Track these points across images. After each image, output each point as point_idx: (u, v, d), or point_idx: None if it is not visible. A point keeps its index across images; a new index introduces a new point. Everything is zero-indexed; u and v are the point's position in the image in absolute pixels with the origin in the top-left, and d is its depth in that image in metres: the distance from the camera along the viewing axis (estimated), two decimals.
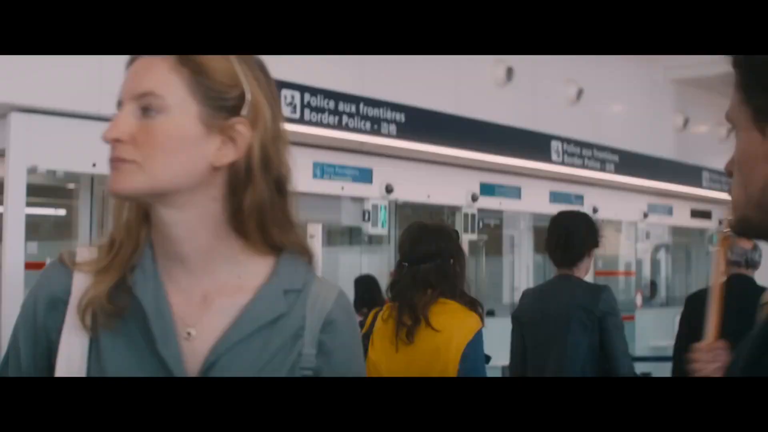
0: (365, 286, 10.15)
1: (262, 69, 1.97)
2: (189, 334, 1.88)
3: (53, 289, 1.96)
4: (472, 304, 4.47)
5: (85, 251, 1.98)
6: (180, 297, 1.92)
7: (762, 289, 5.29)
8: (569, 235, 5.57)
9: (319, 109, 9.54)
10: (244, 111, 1.89)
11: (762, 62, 1.46)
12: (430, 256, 4.50)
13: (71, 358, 1.89)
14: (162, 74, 1.86)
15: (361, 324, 4.78)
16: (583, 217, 5.93)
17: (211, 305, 1.91)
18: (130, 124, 1.84)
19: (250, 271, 1.94)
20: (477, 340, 4.29)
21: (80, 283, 1.92)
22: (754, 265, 7.19)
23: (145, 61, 1.87)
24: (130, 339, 1.87)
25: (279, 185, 1.96)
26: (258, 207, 1.90)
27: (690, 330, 7.07)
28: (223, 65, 1.89)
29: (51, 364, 1.91)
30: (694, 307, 7.16)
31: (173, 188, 1.86)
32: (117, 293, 1.89)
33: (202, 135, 1.87)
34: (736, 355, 1.49)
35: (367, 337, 4.58)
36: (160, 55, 1.87)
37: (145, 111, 1.85)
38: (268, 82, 1.98)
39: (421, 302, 4.43)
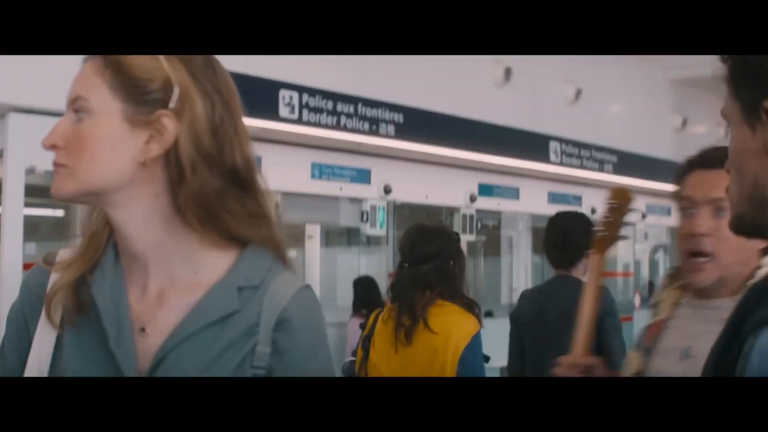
0: (364, 287, 10.15)
1: (207, 64, 1.93)
2: (143, 330, 1.87)
3: (32, 288, 2.01)
4: (470, 306, 4.46)
5: (65, 252, 2.00)
6: (138, 294, 1.92)
7: None
8: (566, 236, 5.55)
9: (317, 110, 9.54)
10: (172, 103, 1.87)
11: (748, 57, 1.47)
12: (430, 257, 4.49)
13: (40, 355, 1.92)
14: (88, 78, 1.88)
15: (362, 325, 4.79)
16: (581, 217, 5.91)
17: (165, 302, 1.90)
18: (64, 129, 1.86)
19: (207, 267, 1.92)
20: (475, 343, 4.28)
21: (54, 282, 1.95)
22: None
23: (83, 66, 1.90)
24: (88, 337, 1.88)
25: (233, 177, 1.93)
26: (197, 199, 1.87)
27: None
28: (146, 61, 1.87)
29: None
30: None
31: (105, 188, 1.87)
32: (80, 291, 1.91)
33: (126, 132, 1.86)
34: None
35: (368, 339, 4.58)
36: (88, 59, 1.89)
37: (77, 115, 1.87)
38: (213, 76, 1.95)
39: (420, 303, 4.42)
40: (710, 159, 2.70)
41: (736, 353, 1.31)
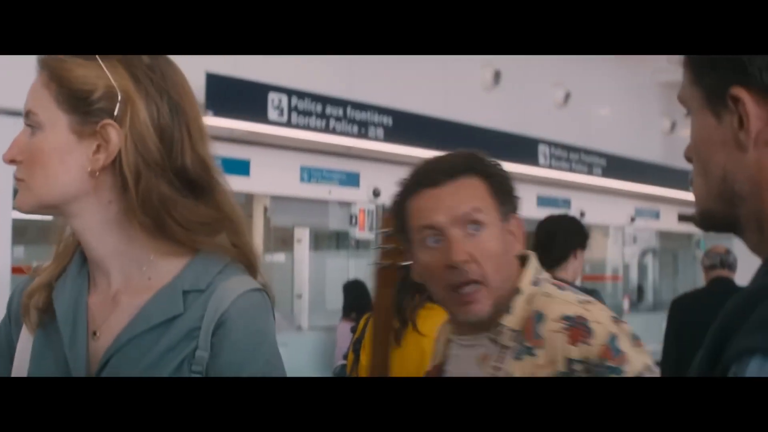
0: (354, 291, 10.14)
1: (152, 66, 1.91)
2: (95, 333, 1.89)
3: (15, 297, 2.05)
4: None
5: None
6: (97, 299, 1.94)
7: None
8: (549, 236, 5.55)
9: (306, 113, 9.53)
10: (116, 111, 1.86)
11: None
12: None
13: (21, 360, 1.95)
14: (37, 91, 1.89)
15: (353, 329, 4.79)
16: (567, 219, 5.92)
17: (117, 305, 1.91)
18: (21, 143, 1.90)
19: (160, 272, 1.92)
20: None
21: (29, 288, 1.99)
22: (730, 266, 7.27)
23: (37, 78, 1.91)
24: (52, 340, 1.91)
25: (184, 180, 1.92)
26: (142, 207, 1.86)
27: (678, 343, 7.06)
28: (87, 70, 1.87)
29: None
30: (682, 315, 7.17)
31: (58, 200, 1.89)
32: (50, 296, 1.95)
33: (74, 144, 1.87)
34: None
35: (359, 342, 4.59)
36: (38, 71, 1.90)
37: (30, 129, 1.89)
38: (158, 77, 1.91)
39: (409, 307, 4.34)
40: (437, 174, 2.43)
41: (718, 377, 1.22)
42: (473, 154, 2.52)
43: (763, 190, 1.31)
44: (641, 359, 2.23)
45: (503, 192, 2.45)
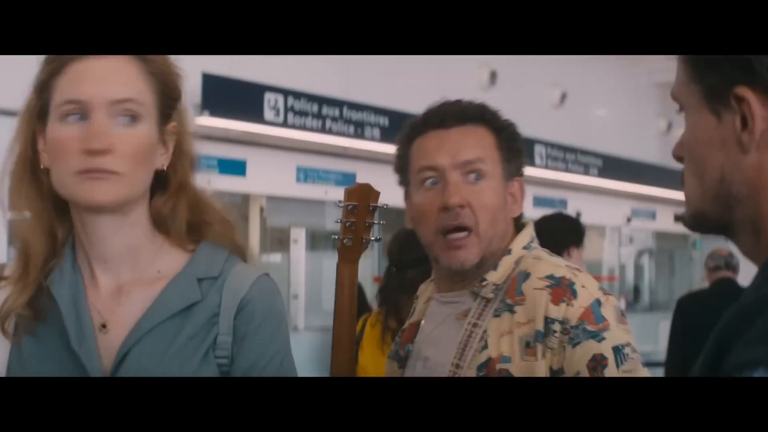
0: None
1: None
2: (104, 326, 1.86)
3: None
4: None
5: (10, 268, 1.98)
6: (97, 293, 1.90)
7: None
8: (541, 234, 5.55)
9: (302, 113, 9.53)
10: (176, 115, 1.91)
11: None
12: (418, 261, 4.35)
13: None
14: (133, 80, 1.85)
15: None
16: (561, 217, 5.90)
17: (126, 297, 1.89)
18: (110, 133, 1.80)
19: (169, 263, 1.92)
20: None
21: (8, 300, 1.92)
22: (734, 268, 7.29)
23: (109, 62, 1.84)
24: (49, 340, 1.87)
25: (190, 182, 1.98)
26: (183, 204, 1.93)
27: (685, 342, 7.03)
28: (175, 72, 1.91)
29: None
30: (688, 314, 7.15)
31: (139, 196, 1.88)
32: (37, 297, 1.89)
33: (157, 141, 1.88)
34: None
35: (356, 343, 4.60)
36: (121, 56, 1.85)
37: (123, 119, 1.82)
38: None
39: (406, 307, 4.33)
40: (446, 116, 2.40)
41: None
42: (487, 106, 2.46)
43: (760, 193, 1.28)
44: (624, 335, 2.17)
45: (510, 150, 2.40)
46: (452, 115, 2.39)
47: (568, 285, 2.18)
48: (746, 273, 1.58)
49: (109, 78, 1.83)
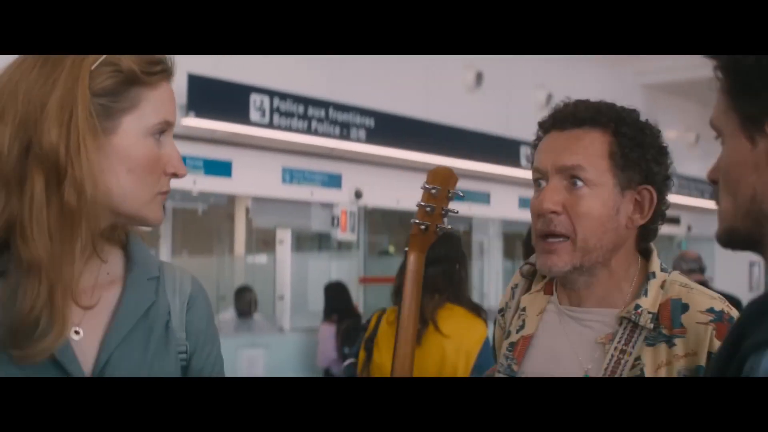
0: (335, 293, 10.15)
1: None
2: (77, 333, 1.81)
3: None
4: (477, 310, 4.51)
5: None
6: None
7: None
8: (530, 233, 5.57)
9: (288, 114, 9.52)
10: None
11: (750, 66, 1.39)
12: (438, 261, 4.47)
13: None
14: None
15: (364, 327, 4.79)
16: None
17: (91, 298, 1.82)
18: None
19: (112, 263, 1.90)
20: (486, 348, 4.32)
21: None
22: (704, 271, 7.66)
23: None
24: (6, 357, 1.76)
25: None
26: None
27: None
28: None
29: None
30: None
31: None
32: None
33: None
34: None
35: (371, 341, 4.62)
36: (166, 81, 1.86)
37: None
38: None
39: (429, 306, 4.43)
40: (566, 117, 2.34)
41: (734, 373, 1.25)
42: (615, 106, 2.37)
43: None
44: None
45: (627, 158, 2.27)
46: (571, 116, 2.33)
47: (729, 320, 2.14)
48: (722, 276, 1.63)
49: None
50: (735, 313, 2.16)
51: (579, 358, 2.26)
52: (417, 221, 2.48)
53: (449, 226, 2.55)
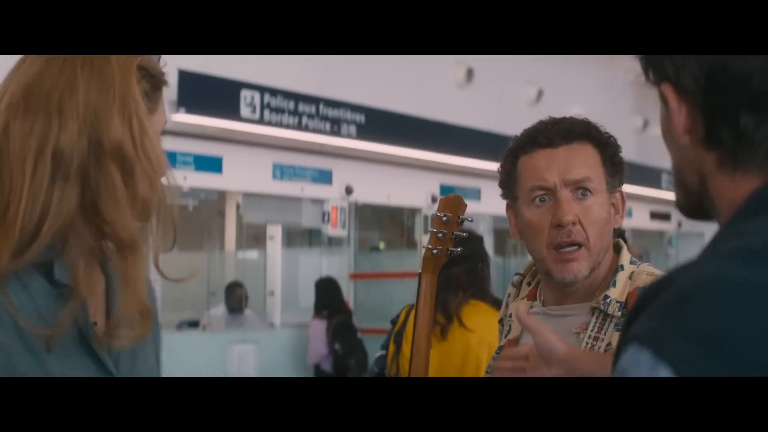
0: (325, 289, 10.15)
1: None
2: (95, 323, 1.82)
3: None
4: (499, 306, 4.63)
5: None
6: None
7: None
8: None
9: (278, 110, 9.53)
10: None
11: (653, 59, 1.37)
12: (462, 260, 4.53)
13: None
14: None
15: (393, 321, 4.95)
16: None
17: (93, 292, 1.85)
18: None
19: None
20: None
21: None
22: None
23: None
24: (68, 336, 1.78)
25: None
26: None
27: None
28: None
29: None
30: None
31: None
32: None
33: None
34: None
35: (400, 334, 4.76)
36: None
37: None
38: None
39: (454, 303, 4.62)
40: (553, 135, 2.44)
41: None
42: (590, 122, 2.51)
43: (706, 182, 1.32)
44: None
45: (614, 164, 2.46)
46: (559, 133, 2.43)
47: None
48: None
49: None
50: None
51: None
52: (430, 247, 2.65)
53: (459, 249, 2.69)
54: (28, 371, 1.69)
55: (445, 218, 2.65)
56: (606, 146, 2.47)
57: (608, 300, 2.34)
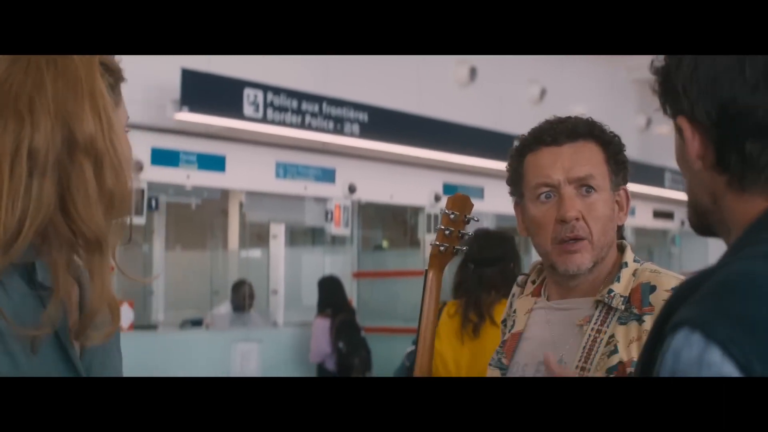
0: (329, 287, 10.15)
1: None
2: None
3: None
4: None
5: None
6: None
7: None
8: None
9: (282, 109, 9.53)
10: None
11: (668, 65, 1.50)
12: (496, 260, 4.88)
13: None
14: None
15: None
16: None
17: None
18: None
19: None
20: None
21: None
22: None
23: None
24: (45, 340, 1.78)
25: None
26: None
27: None
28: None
29: None
30: None
31: None
32: None
33: None
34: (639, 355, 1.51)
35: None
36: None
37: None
38: None
39: (486, 302, 4.78)
40: (557, 133, 2.52)
41: (658, 351, 1.32)
42: (594, 121, 2.59)
43: (719, 203, 1.49)
44: None
45: (617, 162, 2.53)
46: (564, 132, 2.51)
47: None
48: None
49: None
50: None
51: (555, 340, 2.48)
52: (437, 243, 2.71)
53: (464, 247, 2.78)
54: (2, 371, 1.70)
55: (452, 216, 2.70)
56: (609, 144, 2.53)
57: (612, 294, 2.40)
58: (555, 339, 2.49)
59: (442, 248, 2.71)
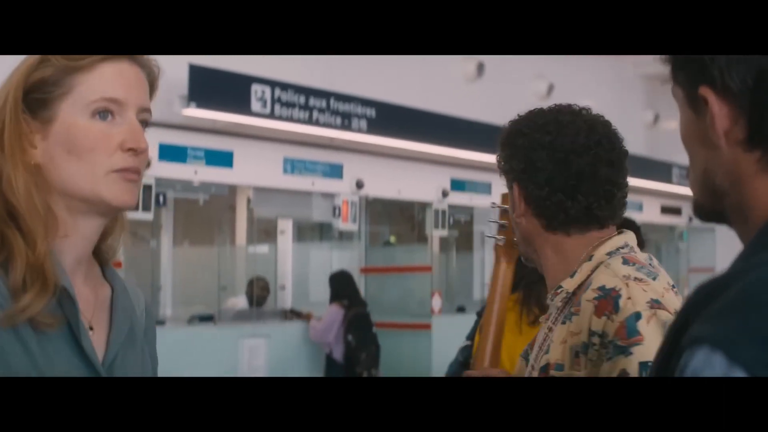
0: (341, 281, 10.17)
1: None
2: (91, 328, 1.84)
3: None
4: None
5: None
6: (83, 295, 1.86)
7: None
8: None
9: (289, 104, 9.53)
10: None
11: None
12: None
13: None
14: (147, 91, 1.89)
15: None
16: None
17: (94, 299, 1.89)
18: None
19: (95, 266, 1.96)
20: None
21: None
22: None
23: (132, 68, 1.86)
24: (58, 336, 1.79)
25: None
26: None
27: None
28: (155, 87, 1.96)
29: None
30: None
31: None
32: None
33: None
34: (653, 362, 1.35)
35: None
36: (133, 63, 1.86)
37: (143, 125, 1.86)
38: None
39: (544, 296, 4.74)
40: None
41: (674, 365, 1.21)
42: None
43: (740, 186, 1.32)
44: None
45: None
46: None
47: (614, 297, 2.17)
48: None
49: (139, 84, 1.87)
50: (634, 292, 2.17)
51: (539, 336, 2.45)
52: (496, 237, 2.83)
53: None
54: (20, 368, 1.71)
55: (507, 212, 2.71)
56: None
57: (559, 290, 2.33)
58: (536, 336, 2.47)
59: (500, 241, 2.80)
